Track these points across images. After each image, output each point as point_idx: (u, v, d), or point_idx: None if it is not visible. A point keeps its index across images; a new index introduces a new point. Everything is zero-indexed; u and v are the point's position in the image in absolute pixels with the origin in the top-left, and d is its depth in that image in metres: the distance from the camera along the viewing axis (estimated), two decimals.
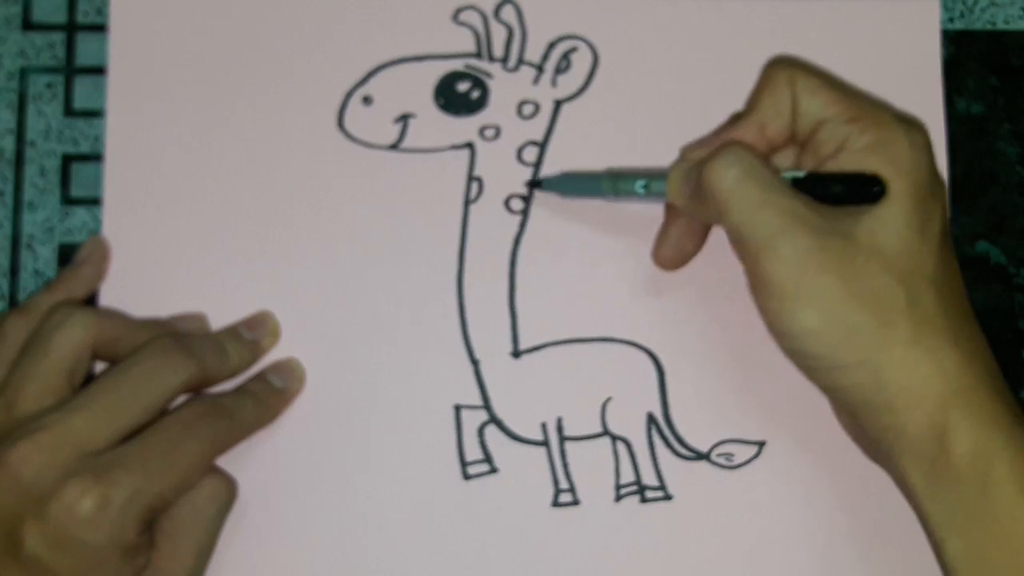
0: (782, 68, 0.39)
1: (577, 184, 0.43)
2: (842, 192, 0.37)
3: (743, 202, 0.36)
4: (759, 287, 0.37)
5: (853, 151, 0.37)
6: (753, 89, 0.40)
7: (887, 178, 0.37)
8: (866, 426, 0.37)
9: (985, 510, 0.35)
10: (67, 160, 0.45)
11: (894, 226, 0.36)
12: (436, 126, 0.44)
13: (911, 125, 0.38)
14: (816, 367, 0.37)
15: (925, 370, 0.36)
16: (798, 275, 0.36)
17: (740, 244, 0.37)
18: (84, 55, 0.45)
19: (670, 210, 0.42)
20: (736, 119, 0.40)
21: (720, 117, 0.44)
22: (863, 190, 0.36)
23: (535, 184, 0.43)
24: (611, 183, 0.41)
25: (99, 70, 0.45)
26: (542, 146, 0.44)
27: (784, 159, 0.40)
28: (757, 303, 0.37)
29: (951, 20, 0.46)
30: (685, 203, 0.39)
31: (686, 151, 0.41)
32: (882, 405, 0.36)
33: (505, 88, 0.44)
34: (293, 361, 0.43)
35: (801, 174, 0.37)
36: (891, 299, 0.36)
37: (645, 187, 0.40)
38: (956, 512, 0.35)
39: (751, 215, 0.36)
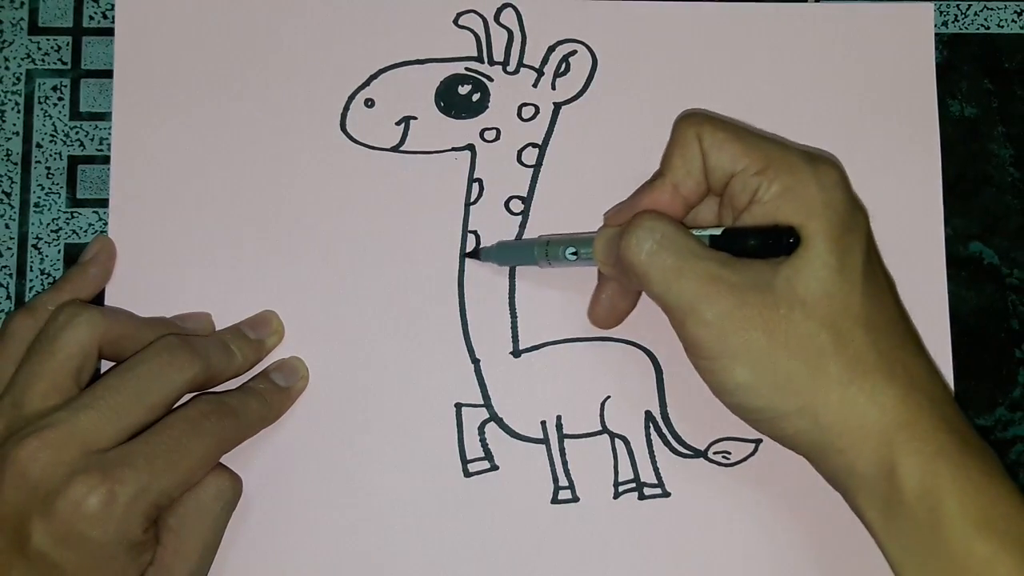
0: (689, 125, 0.39)
1: (511, 253, 0.43)
2: (757, 246, 0.37)
3: (660, 273, 0.37)
4: (689, 349, 0.38)
5: (765, 202, 0.37)
6: (666, 148, 0.40)
7: (800, 223, 0.37)
8: (820, 469, 0.38)
9: (938, 546, 0.35)
10: (73, 162, 0.45)
11: (812, 271, 0.36)
12: (437, 128, 0.44)
13: (820, 164, 0.38)
14: (758, 419, 0.37)
15: (862, 409, 0.36)
16: (723, 335, 0.36)
17: (665, 311, 0.38)
18: (90, 58, 0.45)
19: (600, 273, 0.42)
20: (651, 181, 0.40)
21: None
22: (777, 242, 0.37)
23: (471, 255, 0.43)
24: (542, 250, 0.41)
25: (105, 73, 0.45)
26: (542, 148, 0.44)
27: (708, 210, 0.40)
28: (694, 365, 0.38)
29: (945, 24, 0.46)
30: (611, 271, 0.40)
31: (608, 217, 0.41)
32: (828, 447, 0.36)
33: (505, 91, 0.45)
34: (296, 360, 0.43)
35: (718, 231, 0.38)
36: (818, 344, 0.36)
37: (575, 254, 0.41)
38: (911, 548, 0.36)
39: (669, 285, 0.37)
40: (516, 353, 0.43)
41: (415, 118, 0.44)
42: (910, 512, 0.35)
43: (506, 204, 0.44)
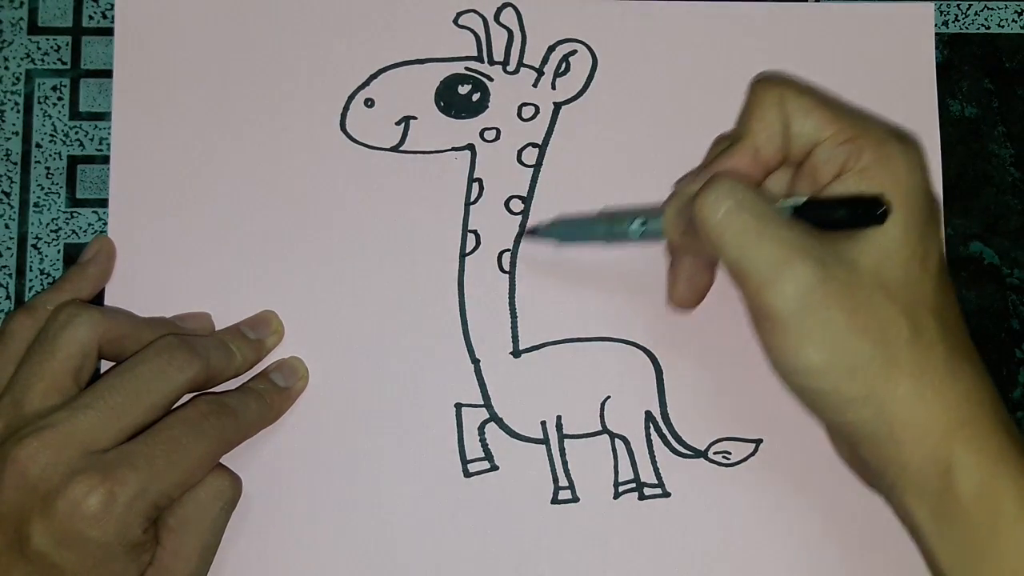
0: (771, 88, 0.37)
1: (572, 229, 0.42)
2: (845, 217, 0.35)
3: (739, 236, 0.35)
4: (761, 323, 0.35)
5: (854, 172, 0.36)
6: (742, 111, 0.38)
7: (888, 200, 0.35)
8: (870, 460, 0.36)
9: (995, 549, 0.34)
10: (73, 161, 0.45)
11: (898, 254, 0.35)
12: (437, 128, 0.44)
13: (907, 142, 0.36)
14: (821, 402, 0.36)
15: (929, 403, 0.34)
16: (803, 310, 0.34)
17: (739, 279, 0.35)
18: (90, 58, 0.45)
19: (673, 248, 0.40)
20: (727, 146, 0.38)
21: (717, 120, 0.44)
22: (867, 213, 0.35)
23: (531, 232, 0.42)
24: (606, 225, 0.40)
25: (105, 73, 0.45)
26: (542, 148, 0.44)
27: (777, 182, 0.39)
28: (760, 338, 0.36)
29: (945, 23, 0.46)
30: (683, 240, 0.38)
31: (679, 185, 0.39)
32: (886, 439, 0.35)
33: (505, 91, 0.45)
34: (296, 360, 0.43)
35: (801, 201, 0.36)
36: (896, 331, 0.34)
37: (643, 224, 0.39)
38: (964, 551, 0.34)
39: (748, 249, 0.34)
40: (516, 353, 0.43)
41: (415, 118, 0.44)
42: (965, 514, 0.34)
43: (506, 204, 0.44)
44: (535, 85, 0.45)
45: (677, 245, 0.39)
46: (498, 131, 0.44)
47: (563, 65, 0.45)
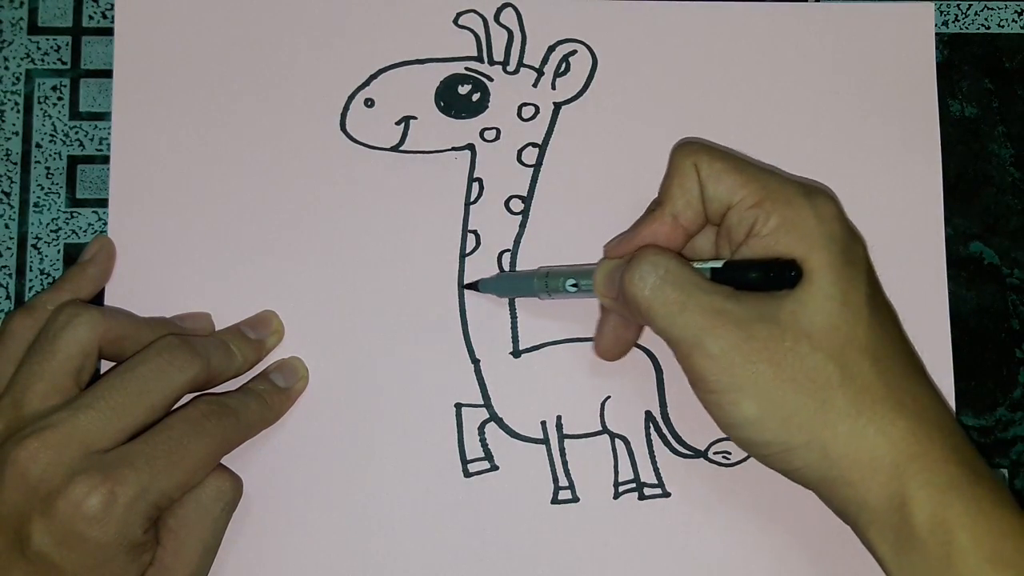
0: (687, 155, 0.39)
1: (511, 284, 0.43)
2: (759, 279, 0.36)
3: (664, 307, 0.37)
4: (695, 383, 0.37)
5: (763, 235, 0.37)
6: (663, 179, 0.40)
7: (801, 257, 0.36)
8: (830, 502, 0.37)
9: None
10: (73, 161, 0.45)
11: (816, 304, 0.36)
12: (437, 128, 0.44)
13: (816, 197, 0.38)
14: (766, 453, 0.37)
15: (871, 441, 0.35)
16: (729, 369, 0.36)
17: (670, 345, 0.37)
18: (90, 58, 0.45)
19: (602, 306, 0.42)
20: (650, 210, 0.40)
21: (717, 119, 0.44)
22: (779, 275, 0.36)
23: (470, 287, 0.43)
24: (542, 282, 0.41)
25: (105, 73, 0.45)
26: (542, 148, 0.44)
27: (705, 240, 0.40)
28: (698, 397, 0.37)
29: (945, 23, 0.46)
30: (612, 303, 0.39)
31: (608, 249, 0.41)
32: (837, 480, 0.36)
33: (505, 91, 0.45)
34: (296, 360, 0.43)
35: (719, 264, 0.38)
36: (825, 376, 0.36)
37: (575, 286, 0.41)
38: None
39: (674, 319, 0.36)
40: (516, 353, 0.43)
41: (415, 118, 0.44)
42: (922, 546, 0.35)
43: (506, 204, 0.44)
44: (535, 85, 0.45)
45: (609, 307, 0.40)
46: (498, 131, 0.44)
47: (563, 65, 0.45)
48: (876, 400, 0.36)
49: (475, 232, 0.44)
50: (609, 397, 0.43)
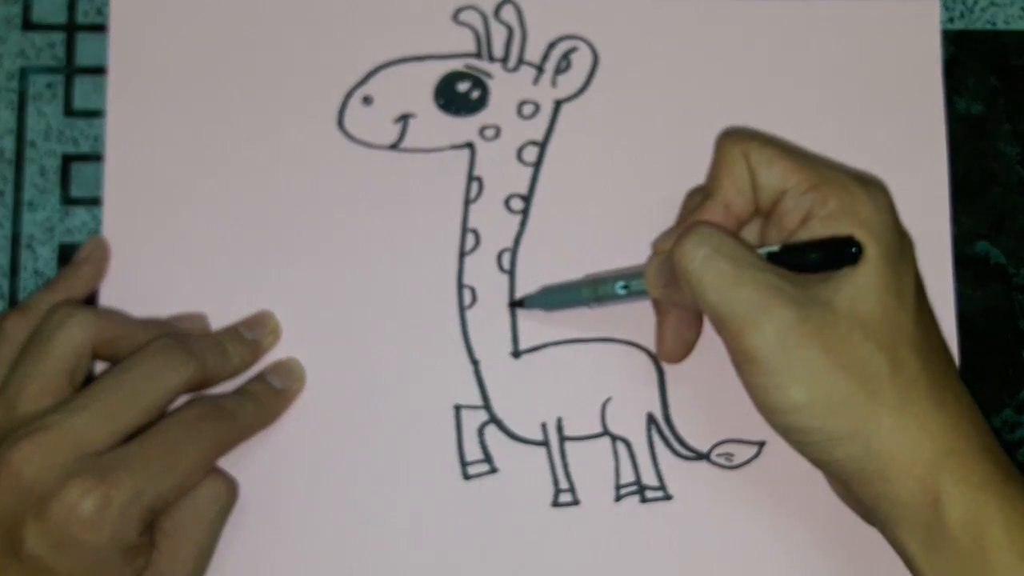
0: (735, 143, 0.39)
1: (558, 297, 0.42)
2: (819, 259, 0.36)
3: (717, 280, 0.36)
4: (743, 364, 0.36)
5: (820, 218, 0.37)
6: (710, 168, 0.40)
7: (858, 240, 0.36)
8: (860, 495, 0.37)
9: None
10: (67, 160, 0.45)
11: (872, 291, 0.36)
12: (436, 126, 0.44)
13: (872, 186, 0.38)
14: (806, 441, 0.36)
15: (913, 436, 0.35)
16: (782, 350, 0.35)
17: (719, 323, 0.36)
18: (84, 55, 0.45)
19: (658, 305, 0.41)
20: (699, 202, 0.39)
21: (719, 117, 0.44)
22: (840, 254, 0.36)
23: (517, 304, 0.43)
24: (591, 289, 0.41)
25: (99, 70, 0.45)
26: (542, 146, 0.44)
27: (749, 233, 0.40)
28: (743, 381, 0.37)
29: (951, 20, 0.46)
30: (666, 294, 0.39)
31: (657, 244, 0.40)
32: (875, 474, 0.35)
33: (505, 88, 0.44)
34: (293, 361, 0.43)
35: (775, 248, 0.37)
36: (875, 366, 0.35)
37: (625, 287, 0.40)
38: None
39: (726, 292, 0.35)
40: (516, 354, 0.43)
41: (414, 115, 0.44)
42: (954, 543, 0.34)
43: (506, 202, 0.44)
44: (535, 82, 0.44)
45: (661, 301, 0.40)
46: (498, 129, 0.44)
47: (564, 62, 0.45)
48: (920, 395, 0.35)
49: (474, 231, 0.44)
50: (610, 399, 0.43)
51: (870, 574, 0.42)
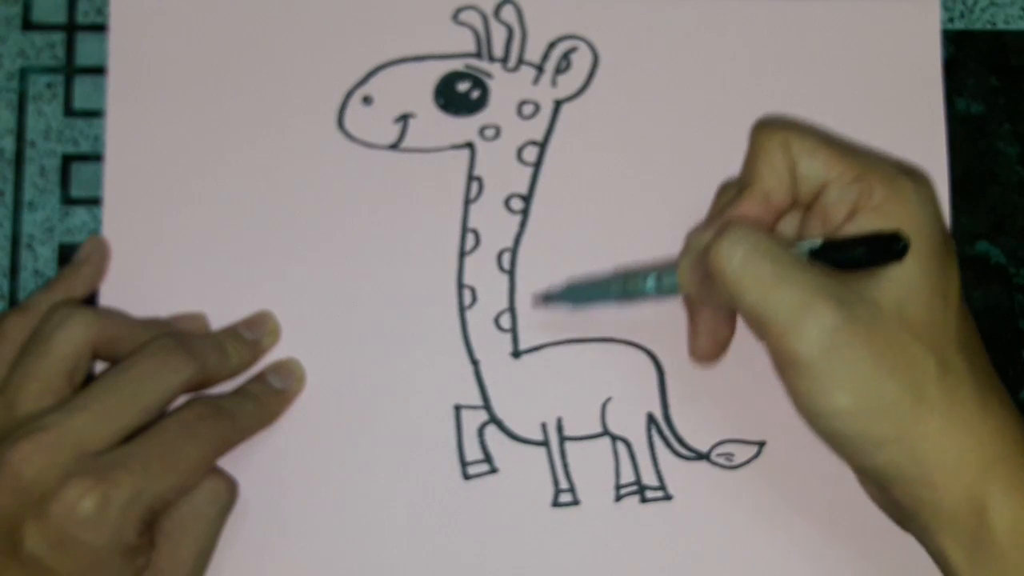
0: (774, 132, 0.37)
1: (585, 292, 0.41)
2: (864, 255, 0.34)
3: (756, 282, 0.34)
4: (785, 368, 0.35)
5: (866, 210, 0.35)
6: (747, 158, 0.38)
7: (907, 236, 0.34)
8: (903, 503, 0.35)
9: None
10: (67, 160, 0.45)
11: (920, 290, 0.34)
12: (436, 126, 0.44)
13: (919, 178, 0.36)
14: (851, 446, 0.35)
15: (961, 441, 0.34)
16: (827, 353, 0.33)
17: (759, 326, 0.35)
18: (84, 55, 0.45)
19: (690, 301, 0.40)
20: (735, 193, 0.38)
21: (720, 117, 0.44)
22: (887, 250, 0.34)
23: (545, 299, 0.42)
24: (620, 284, 0.40)
25: (99, 70, 0.45)
26: (542, 146, 0.44)
27: (787, 225, 0.38)
28: (785, 384, 0.35)
29: (951, 20, 0.46)
30: (700, 293, 0.37)
31: (691, 237, 0.38)
32: (918, 480, 0.34)
33: (505, 88, 0.44)
34: (293, 362, 0.43)
35: (818, 243, 0.35)
36: (923, 369, 0.34)
37: (657, 282, 0.39)
38: None
39: (767, 295, 0.34)
40: (516, 354, 0.43)
41: (414, 115, 0.44)
42: (1000, 553, 0.33)
43: (506, 202, 0.44)
44: (535, 82, 0.44)
45: (694, 298, 0.39)
46: (498, 129, 0.44)
47: (564, 62, 0.44)
48: (966, 398, 0.34)
49: (474, 231, 0.44)
50: (610, 399, 0.43)
51: (870, 574, 0.42)
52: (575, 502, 0.42)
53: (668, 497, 0.42)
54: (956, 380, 0.34)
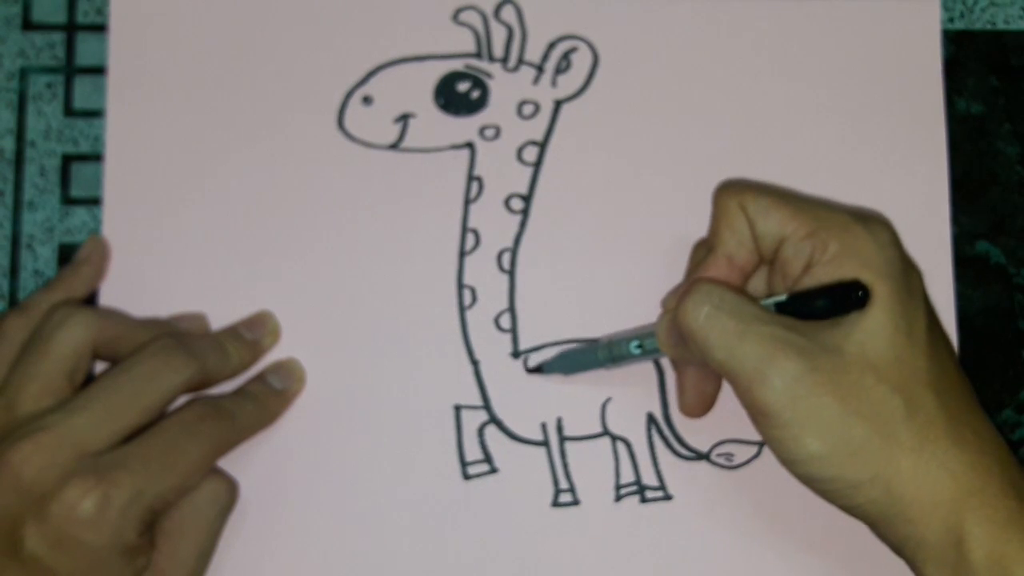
0: (731, 195, 0.38)
1: (576, 360, 0.42)
2: (826, 305, 0.36)
3: (721, 337, 0.36)
4: (757, 418, 0.36)
5: (823, 264, 0.37)
6: (711, 222, 0.40)
7: (866, 283, 0.36)
8: (886, 538, 0.36)
9: None
10: (67, 160, 0.45)
11: (882, 333, 0.35)
12: (436, 126, 0.44)
13: (873, 222, 0.37)
14: (828, 488, 0.36)
15: (934, 476, 0.35)
16: (793, 402, 0.35)
17: (729, 378, 0.36)
18: (84, 55, 0.45)
19: (675, 361, 0.41)
20: (703, 256, 0.39)
21: (720, 117, 0.44)
22: (848, 299, 0.36)
23: (535, 370, 0.43)
24: (606, 351, 0.41)
25: (99, 70, 0.45)
26: (542, 146, 0.44)
27: (758, 282, 0.40)
28: (760, 433, 0.36)
29: (951, 20, 0.46)
30: (679, 352, 0.39)
31: (665, 302, 0.40)
32: (898, 517, 0.35)
33: (505, 88, 0.44)
34: (293, 362, 0.42)
35: (783, 298, 0.37)
36: (890, 410, 0.35)
37: (640, 347, 0.40)
38: None
39: (732, 349, 0.35)
40: (516, 354, 0.43)
41: (414, 115, 0.44)
42: None
43: (506, 202, 0.44)
44: (535, 82, 0.44)
45: (676, 358, 0.40)
46: (498, 129, 0.44)
47: (564, 62, 0.44)
48: (939, 435, 0.35)
49: (474, 231, 0.44)
50: (610, 399, 0.43)
51: (869, 574, 0.42)
52: (575, 502, 0.42)
53: (668, 497, 0.42)
54: (926, 417, 0.35)
